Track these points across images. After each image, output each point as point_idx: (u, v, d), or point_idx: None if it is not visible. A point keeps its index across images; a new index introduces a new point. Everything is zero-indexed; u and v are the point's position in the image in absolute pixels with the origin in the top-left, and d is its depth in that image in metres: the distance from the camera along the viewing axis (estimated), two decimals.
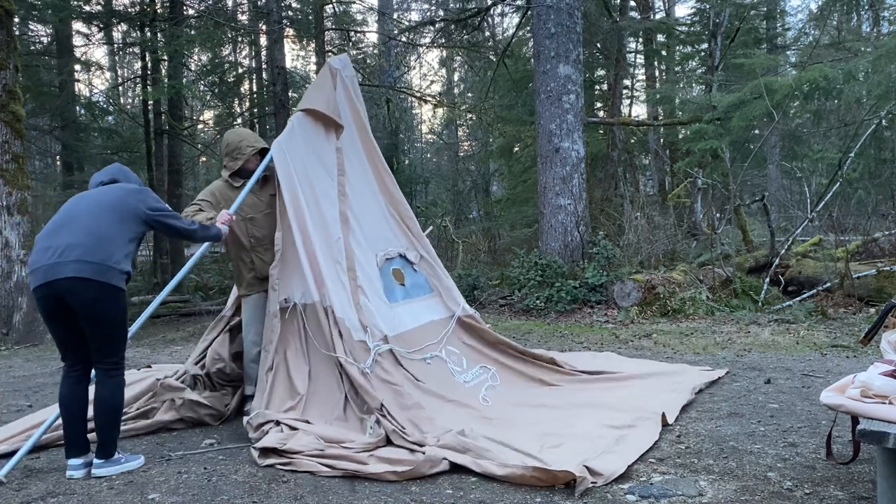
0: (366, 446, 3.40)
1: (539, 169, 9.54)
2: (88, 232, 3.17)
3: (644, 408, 3.92)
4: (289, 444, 3.36)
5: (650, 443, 3.40)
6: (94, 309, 3.13)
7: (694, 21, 15.00)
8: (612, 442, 3.38)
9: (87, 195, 3.41)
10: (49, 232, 3.24)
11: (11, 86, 8.16)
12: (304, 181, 4.18)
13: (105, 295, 3.14)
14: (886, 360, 2.83)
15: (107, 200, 3.32)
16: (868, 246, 9.41)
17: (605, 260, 8.75)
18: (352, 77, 4.64)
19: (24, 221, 8.15)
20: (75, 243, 3.13)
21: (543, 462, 3.02)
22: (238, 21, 15.66)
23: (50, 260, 3.12)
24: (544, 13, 9.30)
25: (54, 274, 3.09)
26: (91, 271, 3.10)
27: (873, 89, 8.72)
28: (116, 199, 3.33)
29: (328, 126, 4.43)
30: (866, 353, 5.58)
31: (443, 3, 19.01)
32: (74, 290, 3.09)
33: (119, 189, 3.41)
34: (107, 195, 3.36)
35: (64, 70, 13.64)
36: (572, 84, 9.30)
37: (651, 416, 3.76)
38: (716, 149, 9.57)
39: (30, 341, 7.89)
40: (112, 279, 3.16)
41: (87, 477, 3.21)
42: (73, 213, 3.28)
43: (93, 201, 3.33)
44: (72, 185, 13.86)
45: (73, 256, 3.10)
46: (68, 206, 3.35)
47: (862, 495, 2.71)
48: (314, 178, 4.26)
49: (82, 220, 3.22)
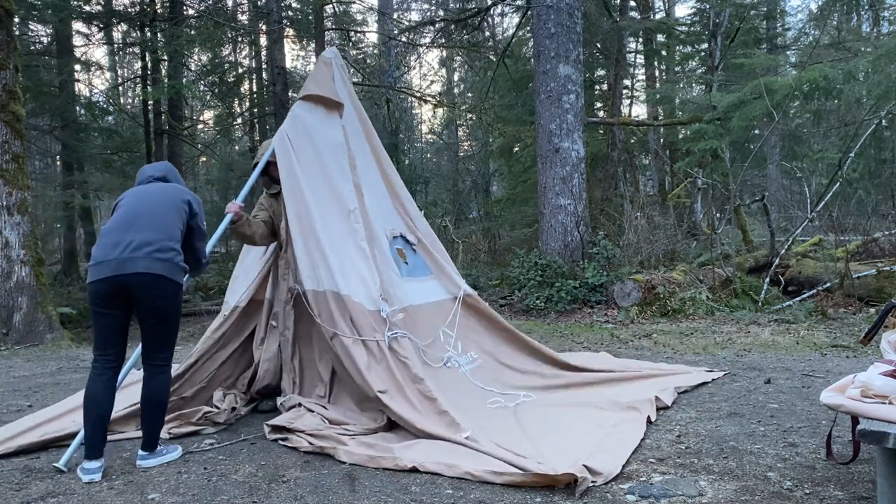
0: (364, 430, 3.59)
1: (539, 169, 9.54)
2: (158, 230, 3.28)
3: (629, 406, 3.93)
4: (296, 423, 3.64)
5: (637, 441, 3.43)
6: (159, 304, 3.25)
7: (694, 21, 15.01)
8: (601, 440, 3.39)
9: (147, 191, 3.48)
10: (117, 227, 3.30)
11: (11, 86, 8.16)
12: (311, 161, 4.28)
13: (172, 291, 3.28)
14: (886, 360, 2.83)
15: (169, 200, 3.42)
16: (868, 246, 9.41)
17: (605, 260, 8.76)
18: (342, 65, 4.74)
19: (24, 221, 8.14)
20: (147, 240, 3.22)
21: (542, 466, 3.00)
22: (238, 21, 15.68)
23: (122, 255, 3.19)
24: (544, 13, 9.31)
25: (125, 268, 3.17)
26: (162, 268, 3.22)
27: (873, 89, 8.72)
28: (178, 200, 3.45)
29: (329, 107, 4.51)
30: (866, 353, 5.58)
31: (443, 3, 19.01)
32: (144, 285, 3.19)
33: (178, 191, 3.51)
34: (168, 194, 3.46)
35: (64, 70, 13.64)
36: (572, 84, 9.30)
37: (636, 417, 3.78)
38: (716, 149, 9.58)
39: (30, 341, 7.89)
40: (178, 277, 3.31)
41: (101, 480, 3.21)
42: (138, 209, 3.36)
43: (156, 199, 3.42)
44: (72, 185, 13.86)
45: (145, 252, 3.20)
46: (131, 202, 3.41)
47: (862, 495, 2.71)
48: (324, 155, 4.33)
49: (151, 218, 3.31)
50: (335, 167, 4.34)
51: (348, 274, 4.04)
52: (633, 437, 3.46)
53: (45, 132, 14.60)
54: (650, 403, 3.98)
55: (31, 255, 8.15)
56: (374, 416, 3.75)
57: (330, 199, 4.24)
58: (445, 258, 5.01)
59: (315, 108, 4.46)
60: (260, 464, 3.35)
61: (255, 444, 3.68)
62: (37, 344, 7.85)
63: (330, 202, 4.23)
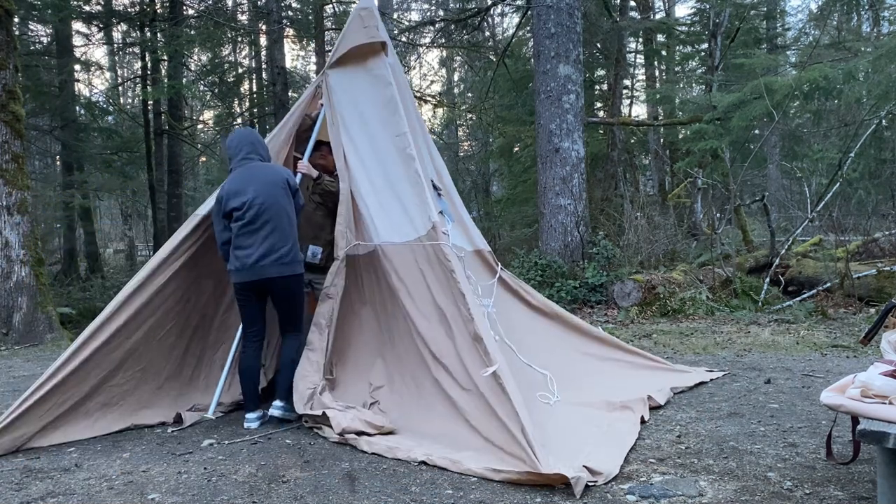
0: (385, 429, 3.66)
1: (539, 169, 9.54)
2: (281, 235, 3.98)
3: (623, 406, 3.93)
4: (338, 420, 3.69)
5: (633, 441, 3.43)
6: (289, 293, 4.09)
7: (694, 21, 15.01)
8: (597, 440, 3.39)
9: (260, 179, 4.01)
10: (246, 232, 3.96)
11: (11, 86, 8.16)
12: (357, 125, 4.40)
13: (296, 283, 4.10)
14: (886, 360, 2.83)
15: (283, 197, 4.03)
16: (868, 246, 9.41)
17: (605, 260, 8.75)
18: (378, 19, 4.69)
19: (24, 221, 8.14)
20: (274, 248, 3.96)
21: (536, 463, 2.97)
22: (238, 21, 15.68)
23: (257, 263, 3.94)
24: (544, 13, 9.30)
25: (260, 274, 3.95)
26: (289, 270, 4.01)
27: (873, 89, 8.72)
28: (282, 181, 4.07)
29: (372, 54, 4.51)
30: (866, 353, 5.58)
31: (443, 3, 19.00)
32: (276, 284, 4.01)
33: (278, 173, 4.10)
34: (278, 184, 4.03)
35: (64, 70, 13.63)
36: (572, 84, 9.30)
37: (629, 417, 3.78)
38: (716, 149, 9.58)
39: (30, 341, 7.89)
40: (299, 270, 4.09)
41: (262, 425, 3.98)
42: (260, 209, 3.95)
43: (271, 194, 3.99)
44: (72, 185, 13.85)
45: (272, 259, 3.96)
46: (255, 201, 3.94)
47: (862, 495, 2.71)
48: (368, 115, 4.41)
49: (274, 222, 3.98)
50: (381, 121, 4.37)
51: None
52: (629, 437, 3.47)
53: (45, 132, 14.60)
54: (643, 403, 3.99)
55: (31, 255, 8.15)
56: None
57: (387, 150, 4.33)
58: (467, 215, 5.00)
59: (354, 70, 4.50)
60: (260, 464, 3.35)
61: (255, 444, 3.68)
62: (37, 344, 7.86)
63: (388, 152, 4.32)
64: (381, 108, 4.40)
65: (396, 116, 4.33)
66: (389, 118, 4.36)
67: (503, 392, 3.29)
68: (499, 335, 4.17)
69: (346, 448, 3.55)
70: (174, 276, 4.16)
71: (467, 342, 3.60)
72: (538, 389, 4.10)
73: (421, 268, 3.96)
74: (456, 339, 3.66)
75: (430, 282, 3.90)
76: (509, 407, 3.22)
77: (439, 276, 3.88)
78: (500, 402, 3.29)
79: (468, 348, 3.58)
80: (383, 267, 4.10)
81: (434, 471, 3.16)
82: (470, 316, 3.64)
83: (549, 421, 3.73)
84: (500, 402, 3.29)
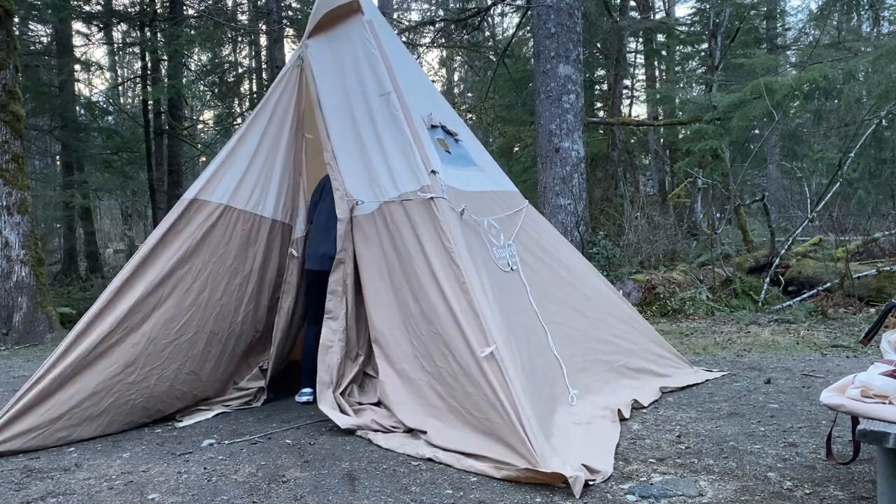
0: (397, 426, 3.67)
1: (539, 169, 9.54)
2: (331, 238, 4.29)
3: (604, 406, 3.86)
4: None
5: (616, 438, 3.43)
6: None
7: (694, 21, 15.03)
8: (584, 437, 3.38)
9: None
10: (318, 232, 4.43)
11: (11, 86, 8.15)
12: (340, 90, 4.36)
13: None
14: (886, 360, 2.83)
15: None
16: (868, 246, 9.41)
17: (605, 260, 8.75)
18: None
19: (23, 221, 8.14)
20: None
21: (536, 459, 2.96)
22: (238, 21, 15.68)
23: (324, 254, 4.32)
24: (544, 13, 9.30)
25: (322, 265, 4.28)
26: None
27: (873, 89, 8.72)
28: None
29: (343, 19, 4.46)
30: (866, 353, 5.58)
31: (443, 3, 19.00)
32: None
33: None
34: None
35: (64, 70, 13.63)
36: (572, 84, 9.30)
37: (607, 414, 3.75)
38: (716, 149, 9.57)
39: (30, 341, 7.89)
40: None
41: None
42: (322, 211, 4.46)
43: None
44: (72, 185, 13.84)
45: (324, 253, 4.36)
46: None
47: (862, 495, 2.71)
48: (350, 79, 4.34)
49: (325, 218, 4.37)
50: (371, 83, 4.26)
51: None
52: (610, 435, 3.45)
53: (45, 132, 14.60)
54: (626, 406, 3.96)
55: (31, 255, 8.14)
56: None
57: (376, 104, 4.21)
58: (490, 159, 4.85)
59: (331, 36, 4.47)
60: (260, 464, 3.35)
61: (255, 444, 3.68)
62: (37, 344, 7.86)
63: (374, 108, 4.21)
64: (364, 69, 4.31)
65: (380, 75, 4.23)
66: (372, 78, 4.26)
67: (502, 376, 3.19)
68: (524, 290, 3.98)
69: (346, 448, 3.55)
70: (188, 271, 4.00)
71: (466, 315, 3.43)
72: (555, 367, 3.90)
73: (415, 230, 3.78)
74: (454, 311, 3.48)
75: (424, 243, 3.72)
76: (508, 393, 3.15)
77: (433, 237, 3.70)
78: (498, 387, 3.18)
79: (468, 322, 3.41)
80: (377, 228, 3.97)
81: (434, 471, 3.17)
82: (466, 288, 3.47)
83: (557, 410, 3.65)
84: (498, 387, 3.18)
